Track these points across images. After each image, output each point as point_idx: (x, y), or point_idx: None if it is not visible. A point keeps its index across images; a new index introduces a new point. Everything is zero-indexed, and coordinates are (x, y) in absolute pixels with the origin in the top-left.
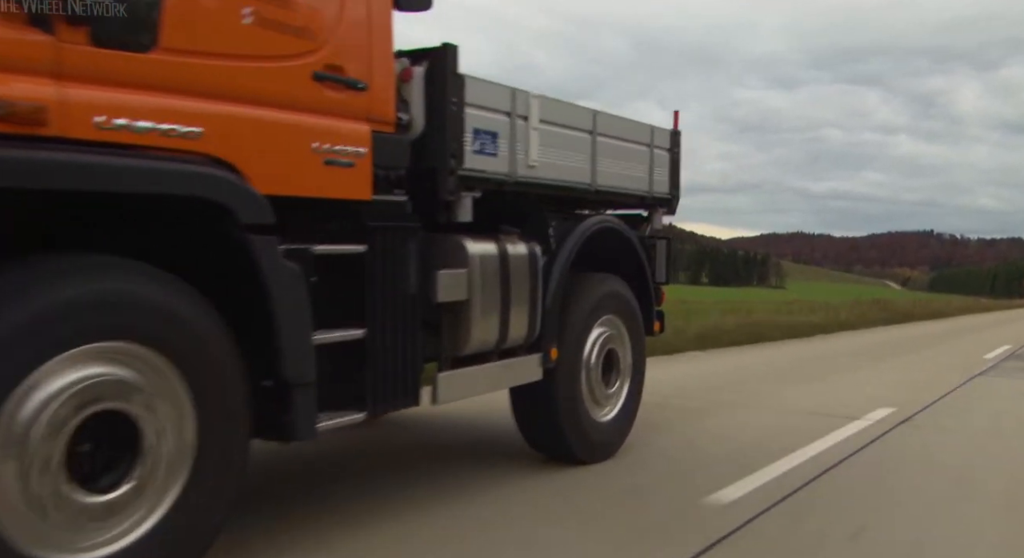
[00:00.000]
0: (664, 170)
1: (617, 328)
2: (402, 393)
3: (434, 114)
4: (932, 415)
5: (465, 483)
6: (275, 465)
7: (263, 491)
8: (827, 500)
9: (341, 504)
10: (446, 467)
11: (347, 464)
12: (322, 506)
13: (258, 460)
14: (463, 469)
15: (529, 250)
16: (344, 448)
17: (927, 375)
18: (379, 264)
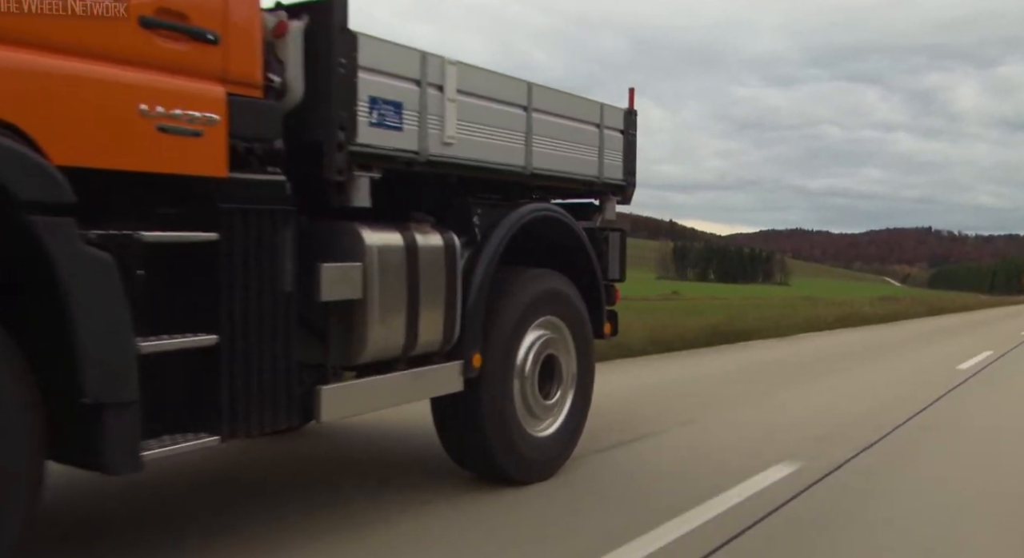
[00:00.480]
0: (617, 154)
1: (559, 331)
2: (271, 410)
3: (317, 78)
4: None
5: (383, 506)
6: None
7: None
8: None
9: (238, 530)
10: (361, 487)
11: (249, 480)
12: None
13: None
14: (383, 489)
15: (445, 241)
16: (252, 461)
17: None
18: (238, 256)
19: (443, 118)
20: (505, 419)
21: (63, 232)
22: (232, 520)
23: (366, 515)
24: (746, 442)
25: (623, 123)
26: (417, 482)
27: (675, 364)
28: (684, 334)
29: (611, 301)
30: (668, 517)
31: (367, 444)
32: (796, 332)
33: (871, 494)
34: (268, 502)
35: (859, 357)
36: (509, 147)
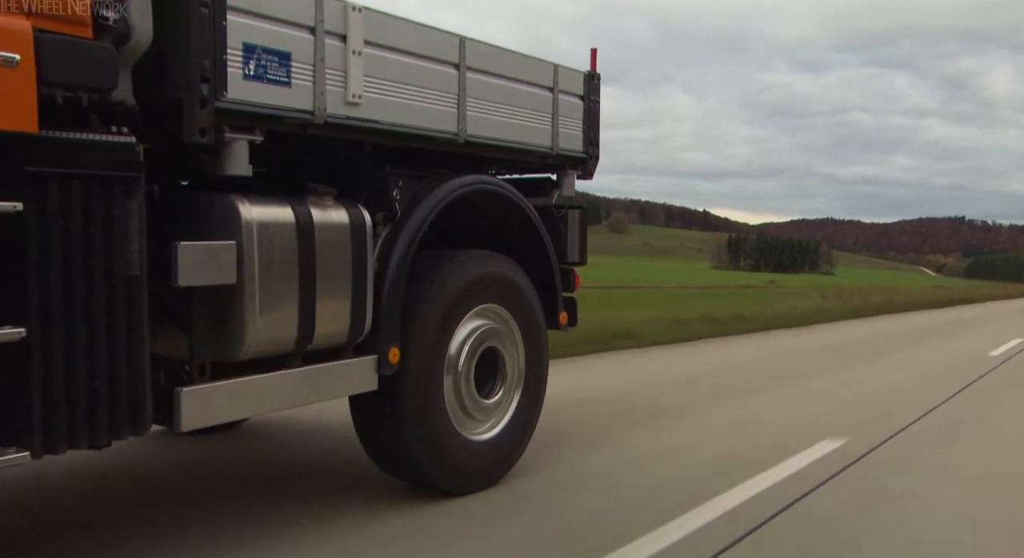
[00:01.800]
0: (576, 122)
1: (503, 321)
2: (107, 418)
3: (170, 18)
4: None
5: (318, 513)
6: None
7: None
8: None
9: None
10: (254, 497)
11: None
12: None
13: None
14: (277, 501)
15: (352, 217)
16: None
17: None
18: (54, 231)
19: (347, 73)
20: (433, 421)
21: None
22: (207, 518)
23: (356, 513)
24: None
25: (583, 88)
26: (349, 486)
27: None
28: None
29: (569, 287)
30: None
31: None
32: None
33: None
34: (262, 497)
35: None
36: (436, 110)
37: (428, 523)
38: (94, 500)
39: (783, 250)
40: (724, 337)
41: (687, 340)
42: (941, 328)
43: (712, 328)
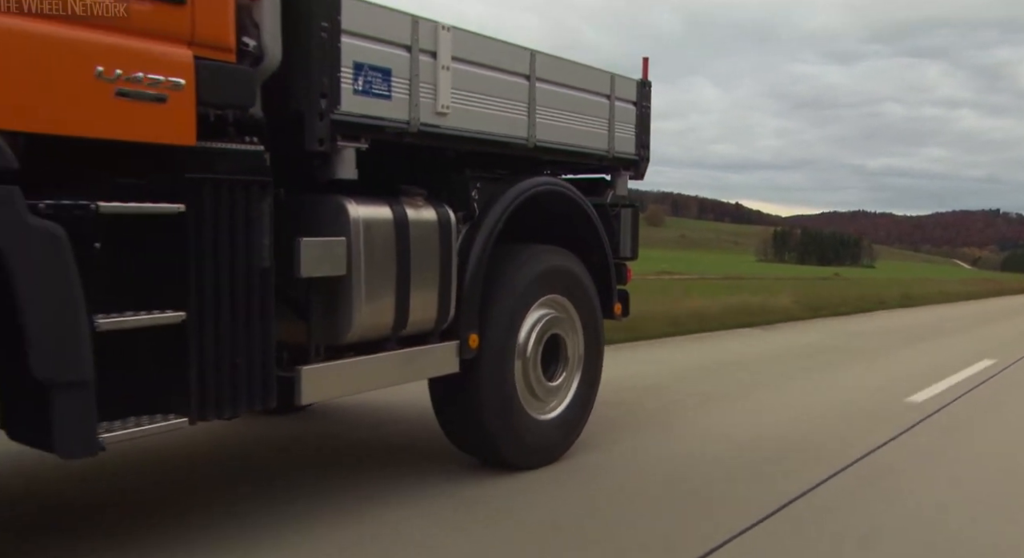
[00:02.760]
0: (629, 127)
1: (565, 311)
2: (245, 391)
3: (295, 42)
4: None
5: (384, 490)
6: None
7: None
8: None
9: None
10: (346, 470)
11: (238, 457)
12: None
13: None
14: (366, 474)
15: (439, 216)
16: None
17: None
18: (208, 229)
19: (436, 86)
20: (505, 401)
21: (6, 201)
22: (231, 507)
23: (378, 498)
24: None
25: (636, 95)
26: (418, 464)
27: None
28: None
29: (622, 280)
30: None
31: (373, 424)
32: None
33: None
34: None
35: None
36: (510, 118)
37: (495, 493)
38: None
39: (827, 244)
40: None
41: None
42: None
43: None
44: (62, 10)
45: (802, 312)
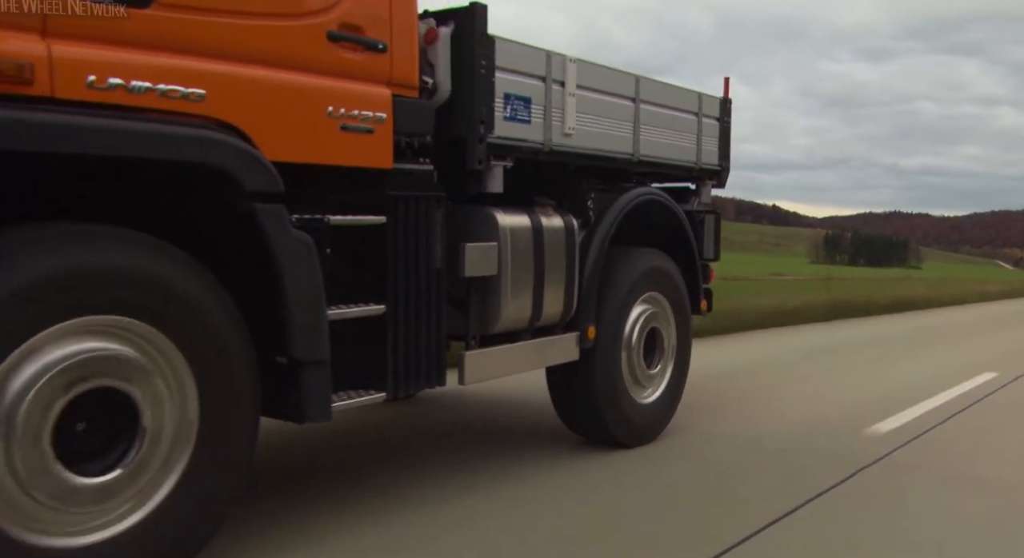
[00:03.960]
0: (713, 140)
1: (661, 306)
2: (426, 372)
3: (461, 78)
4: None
5: (492, 467)
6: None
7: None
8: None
9: (370, 484)
10: (473, 449)
11: (376, 442)
12: (343, 493)
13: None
14: (492, 452)
15: (565, 223)
16: (375, 424)
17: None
18: (401, 236)
19: (564, 111)
20: (615, 386)
21: (278, 217)
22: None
23: (486, 474)
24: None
25: (719, 111)
26: (528, 443)
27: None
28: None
29: (706, 279)
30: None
31: (472, 411)
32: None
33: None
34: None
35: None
36: (619, 136)
37: (599, 467)
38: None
39: (877, 246)
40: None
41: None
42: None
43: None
44: (304, 63)
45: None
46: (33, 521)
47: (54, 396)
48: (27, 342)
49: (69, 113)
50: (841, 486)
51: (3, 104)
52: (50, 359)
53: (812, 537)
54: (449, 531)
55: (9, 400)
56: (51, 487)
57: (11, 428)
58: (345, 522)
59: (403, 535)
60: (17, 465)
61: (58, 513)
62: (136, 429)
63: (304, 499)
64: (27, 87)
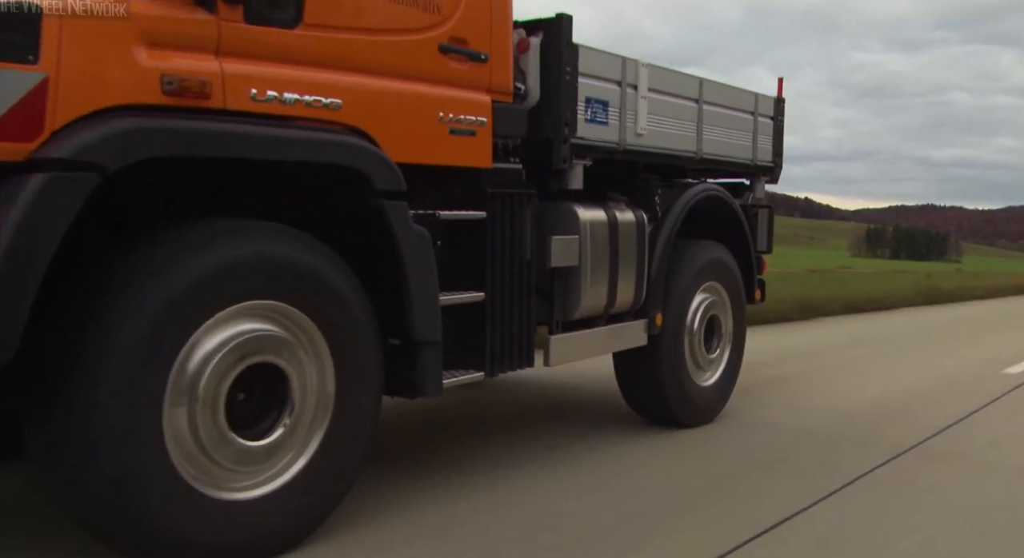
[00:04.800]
0: (768, 138)
1: (719, 295)
2: (518, 354)
3: (549, 84)
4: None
5: (553, 447)
6: None
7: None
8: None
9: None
10: (534, 431)
11: (451, 422)
12: (420, 468)
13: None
14: (550, 433)
15: (636, 217)
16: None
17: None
18: (498, 230)
19: (636, 113)
20: (678, 370)
21: (402, 213)
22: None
23: (546, 452)
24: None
25: (773, 110)
26: (598, 423)
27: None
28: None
29: (760, 270)
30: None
31: (529, 395)
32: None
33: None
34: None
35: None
36: (684, 136)
37: (655, 446)
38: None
39: (918, 240)
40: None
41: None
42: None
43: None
44: (419, 74)
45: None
46: (217, 480)
47: (226, 370)
48: (209, 320)
49: (239, 123)
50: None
51: (192, 116)
52: (224, 337)
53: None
54: (522, 503)
55: (191, 374)
56: (228, 451)
57: (193, 400)
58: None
59: (474, 505)
60: (200, 434)
61: (234, 473)
62: (286, 400)
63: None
64: (206, 100)
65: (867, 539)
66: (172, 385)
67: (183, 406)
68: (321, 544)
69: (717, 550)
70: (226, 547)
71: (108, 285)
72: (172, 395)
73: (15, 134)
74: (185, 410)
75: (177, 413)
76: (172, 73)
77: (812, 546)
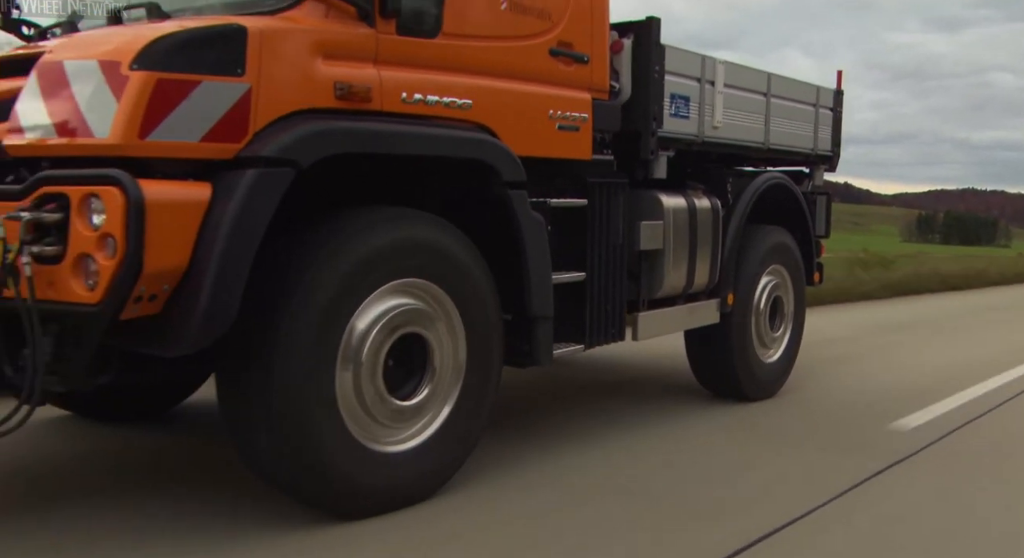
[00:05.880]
0: (827, 128)
1: (782, 277)
2: (611, 328)
3: (639, 82)
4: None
5: (625, 418)
6: None
7: None
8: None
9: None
10: (601, 403)
11: (534, 395)
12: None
13: None
14: (619, 405)
15: (712, 204)
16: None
17: None
18: (597, 216)
19: (714, 107)
20: (746, 347)
21: (523, 201)
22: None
23: (625, 424)
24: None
25: (832, 102)
26: (668, 395)
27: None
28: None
29: (818, 254)
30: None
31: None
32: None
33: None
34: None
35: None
36: (754, 127)
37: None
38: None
39: (969, 225)
40: None
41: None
42: None
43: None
44: (533, 76)
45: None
46: (376, 435)
47: (383, 340)
48: (371, 295)
49: (396, 123)
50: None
51: (358, 118)
52: (381, 310)
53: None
54: (582, 471)
55: (356, 343)
56: (384, 410)
57: (358, 365)
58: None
59: (561, 464)
60: (364, 394)
61: (389, 429)
62: (427, 366)
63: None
64: (367, 104)
65: (929, 513)
66: (342, 352)
67: (349, 370)
68: (455, 492)
69: (787, 517)
70: (387, 491)
71: (294, 263)
72: (342, 361)
73: (227, 136)
74: (351, 374)
75: (345, 376)
76: (342, 80)
77: (877, 520)
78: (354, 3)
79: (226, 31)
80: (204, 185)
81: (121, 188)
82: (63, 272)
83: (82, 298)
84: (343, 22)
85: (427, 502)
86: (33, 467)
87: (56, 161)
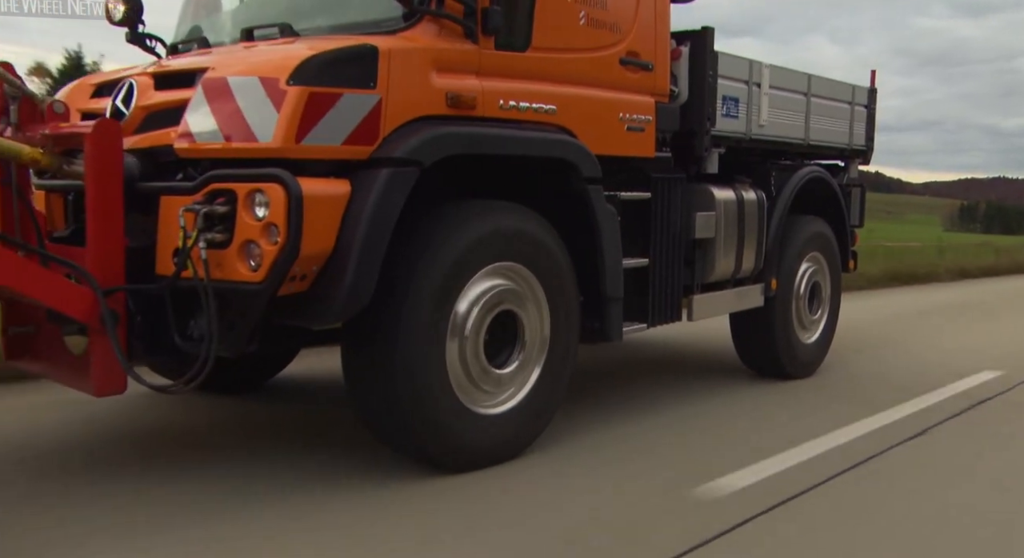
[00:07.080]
0: (862, 124)
1: (820, 264)
2: (670, 310)
3: (695, 85)
4: None
5: (672, 394)
6: None
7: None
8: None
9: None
10: (641, 383)
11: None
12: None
13: None
14: (663, 383)
15: (758, 196)
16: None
17: None
18: (658, 207)
19: (760, 107)
20: (788, 329)
21: (599, 195)
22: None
23: (667, 398)
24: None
25: (867, 99)
26: (708, 375)
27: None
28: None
29: (852, 242)
30: None
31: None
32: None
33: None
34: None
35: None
36: (795, 125)
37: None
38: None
39: (1010, 215)
40: None
41: None
42: None
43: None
44: (606, 83)
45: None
46: (476, 399)
47: (484, 316)
48: (475, 275)
49: (497, 127)
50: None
51: (464, 123)
52: (482, 289)
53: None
54: (624, 439)
55: (461, 318)
56: (484, 376)
57: (463, 337)
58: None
59: (617, 434)
60: (468, 363)
61: (487, 394)
62: (517, 340)
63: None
64: (472, 111)
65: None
66: (451, 325)
67: (456, 342)
68: (538, 452)
69: (834, 470)
70: (482, 449)
71: (411, 251)
72: (451, 333)
73: (363, 140)
74: (457, 345)
75: (452, 347)
76: (452, 90)
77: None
78: (461, 23)
79: (362, 51)
80: (344, 182)
81: (283, 185)
82: (230, 256)
83: (247, 278)
84: (452, 40)
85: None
86: (158, 433)
87: (217, 162)
